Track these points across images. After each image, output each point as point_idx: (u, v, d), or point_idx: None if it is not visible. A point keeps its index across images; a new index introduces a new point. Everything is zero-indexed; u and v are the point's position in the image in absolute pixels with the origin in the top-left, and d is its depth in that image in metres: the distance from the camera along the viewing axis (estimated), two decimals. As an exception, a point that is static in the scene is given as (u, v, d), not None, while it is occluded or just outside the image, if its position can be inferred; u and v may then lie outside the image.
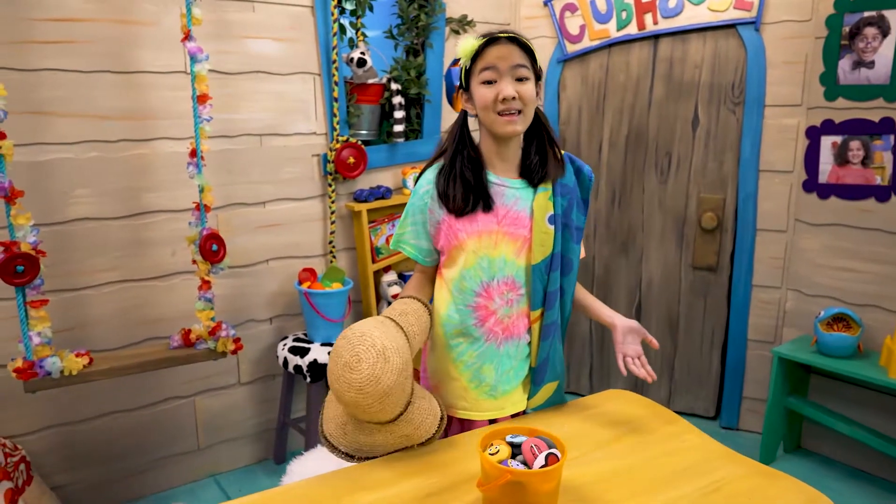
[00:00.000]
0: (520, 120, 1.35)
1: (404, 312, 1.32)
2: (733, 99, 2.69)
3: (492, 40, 1.32)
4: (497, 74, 1.32)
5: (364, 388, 1.14)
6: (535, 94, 1.37)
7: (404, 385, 1.20)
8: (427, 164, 1.46)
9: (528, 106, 1.36)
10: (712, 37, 2.68)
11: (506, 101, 1.32)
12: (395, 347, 1.19)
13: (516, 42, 1.33)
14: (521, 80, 1.33)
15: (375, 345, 1.16)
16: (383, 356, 1.16)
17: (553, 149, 1.44)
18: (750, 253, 2.75)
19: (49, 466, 2.17)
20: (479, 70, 1.34)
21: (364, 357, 1.15)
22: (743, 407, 2.88)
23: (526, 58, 1.34)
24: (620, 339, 1.52)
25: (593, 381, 3.22)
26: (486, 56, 1.33)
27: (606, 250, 3.07)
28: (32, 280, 1.79)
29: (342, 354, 1.17)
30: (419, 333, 1.32)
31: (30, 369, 1.80)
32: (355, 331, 1.19)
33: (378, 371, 1.15)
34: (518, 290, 1.44)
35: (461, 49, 1.35)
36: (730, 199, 2.77)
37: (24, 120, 1.97)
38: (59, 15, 1.99)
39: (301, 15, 2.42)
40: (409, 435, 1.25)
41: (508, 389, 1.49)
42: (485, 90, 1.33)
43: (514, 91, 1.31)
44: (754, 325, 2.80)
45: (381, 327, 1.21)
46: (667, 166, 2.87)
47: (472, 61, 1.35)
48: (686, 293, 2.93)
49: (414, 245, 1.46)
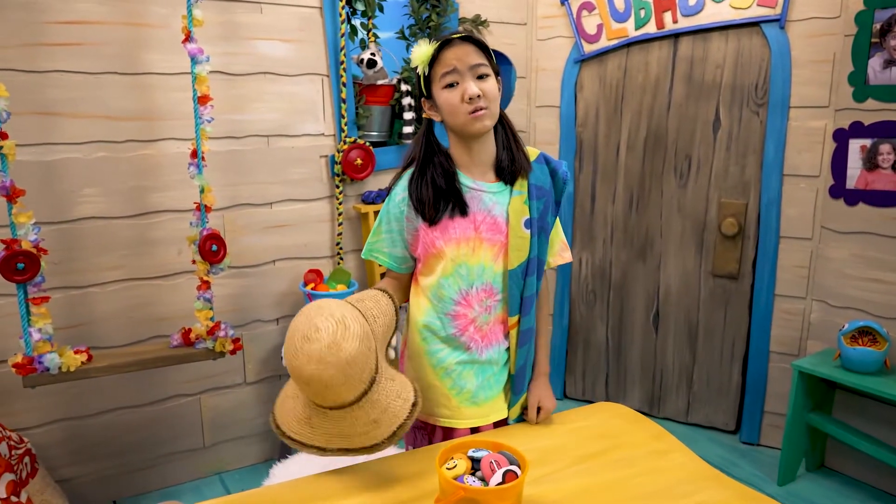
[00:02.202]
0: (488, 115, 1.33)
1: (360, 299, 1.28)
2: (756, 100, 2.58)
3: (446, 42, 1.31)
4: (458, 76, 1.30)
5: (325, 358, 1.07)
6: (497, 89, 1.35)
7: (367, 356, 1.14)
8: (397, 173, 1.42)
9: (493, 102, 1.33)
10: (735, 35, 2.58)
11: (472, 100, 1.29)
12: (353, 316, 1.14)
13: (471, 41, 1.32)
14: (482, 77, 1.31)
15: (334, 314, 1.12)
16: (343, 323, 1.11)
17: (517, 144, 1.41)
18: (773, 261, 2.63)
19: (56, 459, 2.22)
20: (440, 75, 1.31)
21: (322, 325, 1.09)
22: (764, 422, 2.76)
23: (483, 55, 1.32)
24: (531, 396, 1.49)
25: (609, 389, 3.14)
26: (443, 59, 1.31)
27: (624, 255, 2.98)
28: (33, 277, 1.83)
29: (299, 328, 1.11)
30: (379, 316, 1.26)
31: (29, 365, 1.84)
32: (311, 306, 1.16)
33: (338, 338, 1.09)
34: (495, 296, 1.41)
35: (416, 56, 1.33)
36: (752, 204, 2.65)
37: (33, 120, 2.02)
38: (68, 18, 2.03)
39: (309, 16, 2.42)
40: (377, 420, 1.17)
41: (491, 396, 1.45)
42: (448, 94, 1.31)
43: (477, 89, 1.29)
44: (777, 336, 2.67)
45: (338, 301, 1.18)
46: (686, 170, 2.76)
47: (430, 67, 1.32)
48: (706, 301, 2.82)
49: (388, 254, 1.43)
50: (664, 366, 2.97)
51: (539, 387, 1.49)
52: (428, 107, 1.39)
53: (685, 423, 2.97)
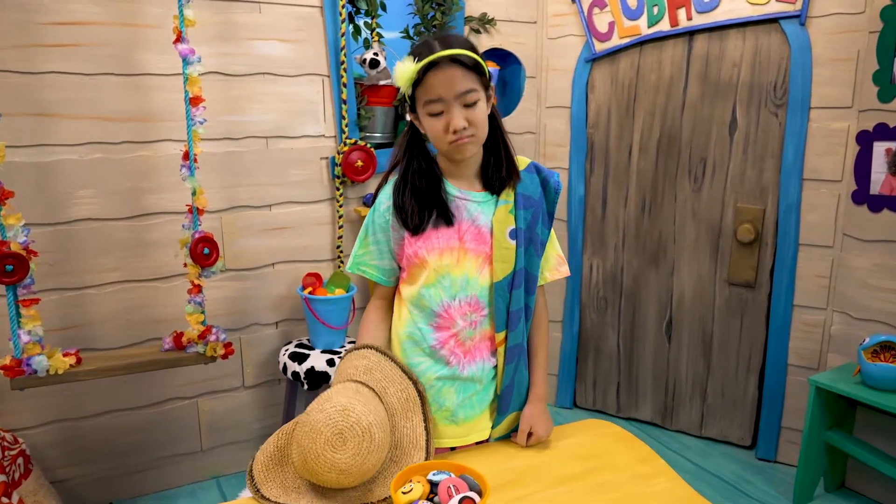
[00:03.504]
0: (472, 143, 1.26)
1: (368, 369, 1.24)
2: (775, 100, 2.45)
3: (432, 65, 1.19)
4: (443, 105, 1.20)
5: (349, 471, 1.06)
6: (486, 112, 1.26)
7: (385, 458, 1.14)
8: (382, 179, 1.36)
9: (480, 128, 1.25)
10: (752, 32, 2.46)
11: (456, 131, 1.21)
12: (379, 422, 1.11)
13: (459, 62, 1.19)
14: (470, 105, 1.22)
15: (361, 422, 1.08)
16: (369, 434, 1.08)
17: (508, 156, 1.33)
18: (791, 269, 2.50)
19: (52, 460, 2.22)
20: (423, 102, 1.22)
21: (349, 437, 1.07)
22: (782, 438, 2.63)
23: (472, 77, 1.21)
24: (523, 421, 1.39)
25: (620, 400, 3.03)
26: (427, 85, 1.20)
27: (636, 261, 2.88)
28: (22, 279, 1.82)
29: (322, 431, 1.07)
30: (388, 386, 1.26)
31: (17, 367, 1.83)
32: (335, 404, 1.10)
33: (364, 451, 1.07)
34: (481, 310, 1.33)
35: (398, 76, 1.21)
36: (770, 209, 2.53)
37: (29, 122, 2.02)
38: (64, 19, 2.02)
39: (309, 16, 2.38)
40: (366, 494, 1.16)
41: (472, 416, 1.38)
42: (433, 122, 1.23)
43: (463, 121, 1.21)
44: (795, 348, 2.55)
45: (361, 399, 1.13)
46: (701, 173, 2.65)
47: (414, 87, 1.22)
48: (721, 311, 2.70)
49: (377, 266, 1.37)
50: (677, 376, 2.86)
51: (535, 411, 1.39)
52: (412, 117, 1.31)
53: (699, 437, 2.85)
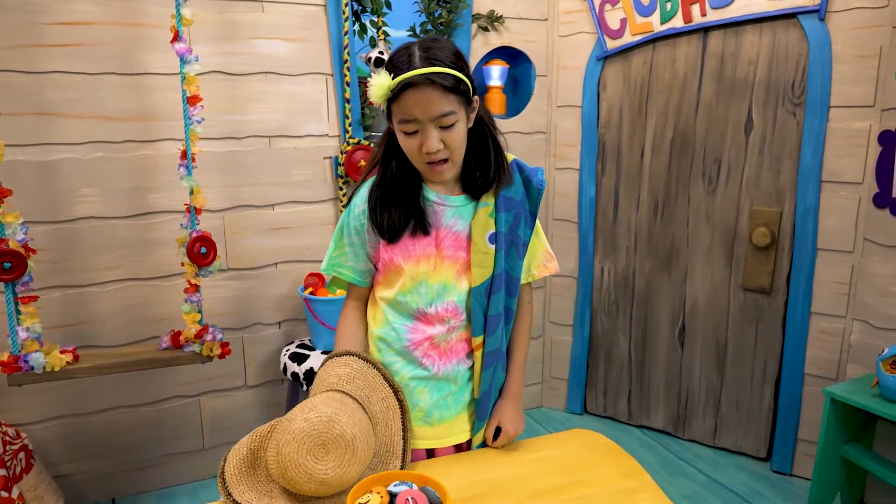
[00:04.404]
0: (448, 168, 1.21)
1: (351, 378, 1.21)
2: (793, 99, 2.36)
3: (408, 84, 1.12)
4: (418, 125, 1.15)
5: (328, 481, 1.04)
6: (465, 132, 1.21)
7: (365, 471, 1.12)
8: (361, 179, 1.33)
9: (457, 151, 1.20)
10: (769, 28, 2.36)
11: (430, 153, 1.17)
12: (363, 435, 1.09)
13: (436, 84, 1.11)
14: (447, 127, 1.16)
15: (345, 434, 1.06)
16: (352, 447, 1.06)
17: (498, 157, 1.28)
18: (809, 275, 2.40)
19: (54, 455, 2.25)
20: (398, 119, 1.16)
21: (332, 448, 1.05)
22: (798, 450, 2.52)
23: (451, 98, 1.14)
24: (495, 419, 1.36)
25: (632, 407, 2.96)
26: (402, 104, 1.14)
27: (648, 265, 2.80)
28: (20, 277, 1.83)
29: (304, 441, 1.04)
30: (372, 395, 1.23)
31: (14, 363, 1.85)
32: (320, 413, 1.07)
33: (346, 463, 1.05)
34: (459, 316, 1.30)
35: (372, 91, 1.14)
36: (787, 213, 2.43)
37: (32, 121, 2.05)
38: (67, 19, 2.04)
39: (313, 14, 2.37)
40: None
41: (447, 417, 1.34)
42: (407, 140, 1.18)
43: (438, 144, 1.16)
44: (813, 358, 2.44)
45: (344, 409, 1.10)
46: (716, 174, 2.56)
47: (389, 102, 1.16)
48: (735, 317, 2.61)
49: (352, 268, 1.34)
50: (690, 384, 2.77)
51: (505, 408, 1.36)
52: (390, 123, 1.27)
53: (712, 447, 2.76)
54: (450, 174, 1.23)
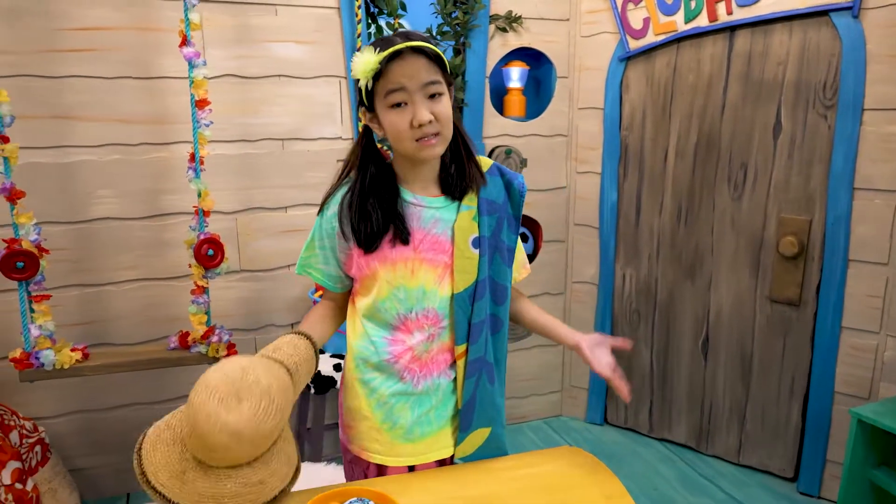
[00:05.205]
0: (439, 142, 1.17)
1: (277, 347, 1.18)
2: (824, 101, 2.23)
3: (395, 55, 1.12)
4: (406, 95, 1.13)
5: (242, 433, 0.97)
6: (451, 108, 1.18)
7: (281, 426, 1.05)
8: (333, 185, 1.30)
9: (446, 125, 1.17)
10: (800, 27, 2.24)
11: (422, 126, 1.13)
12: (279, 386, 1.03)
13: (423, 52, 1.13)
14: (435, 96, 1.15)
15: (260, 382, 1.00)
16: (268, 395, 1.00)
17: (471, 157, 1.25)
18: (840, 287, 2.26)
19: (71, 449, 2.31)
20: (385, 92, 1.14)
21: (245, 396, 0.98)
22: (826, 472, 2.39)
23: (437, 69, 1.15)
24: (590, 355, 1.28)
25: (653, 418, 2.86)
26: (390, 75, 1.12)
27: (671, 273, 2.70)
28: (33, 276, 1.89)
29: (217, 388, 0.98)
30: (301, 363, 1.17)
31: (26, 360, 1.90)
32: (234, 365, 1.03)
33: (261, 412, 0.98)
34: (440, 322, 1.26)
35: (357, 67, 1.14)
36: (817, 221, 2.30)
37: (51, 124, 2.11)
38: (84, 24, 2.09)
39: (327, 17, 2.37)
40: (263, 481, 1.09)
41: (429, 432, 1.31)
42: (395, 116, 1.14)
43: (429, 114, 1.13)
44: (843, 375, 2.31)
45: (262, 364, 1.05)
46: (742, 180, 2.45)
47: (375, 80, 1.14)
48: (762, 329, 2.49)
49: (322, 271, 1.31)
50: (714, 398, 2.66)
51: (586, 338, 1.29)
52: (368, 118, 1.25)
53: (737, 465, 2.65)
54: (440, 150, 1.19)
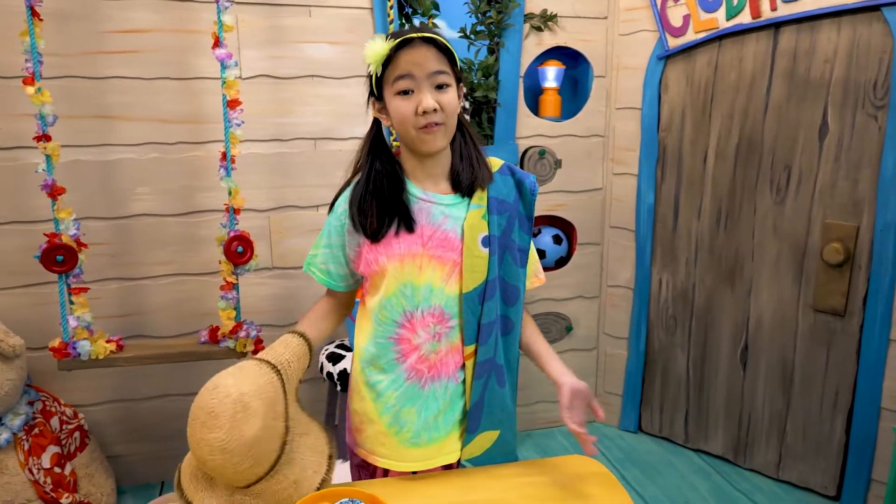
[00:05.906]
0: (441, 133, 1.19)
1: (270, 347, 1.20)
2: (875, 101, 2.11)
3: (404, 42, 1.15)
4: (413, 83, 1.16)
5: (227, 447, 1.00)
6: (457, 101, 1.20)
7: (273, 427, 1.07)
8: (345, 182, 1.32)
9: (451, 117, 1.19)
10: (849, 23, 2.13)
11: (426, 113, 1.15)
12: (253, 390, 1.05)
13: (433, 43, 1.16)
14: (441, 87, 1.17)
15: (230, 394, 1.02)
16: (241, 403, 1.02)
17: (477, 153, 1.26)
18: (888, 298, 2.14)
19: (109, 437, 2.40)
20: (393, 79, 1.17)
21: (220, 410, 1.00)
22: (871, 492, 2.27)
23: (445, 61, 1.17)
24: (566, 402, 1.26)
25: (689, 428, 2.77)
26: (398, 62, 1.16)
27: (709, 279, 2.61)
28: (72, 269, 1.97)
29: (197, 415, 1.02)
30: (293, 360, 1.18)
31: (64, 350, 1.98)
32: (207, 385, 1.06)
33: (238, 421, 1.00)
34: (447, 322, 1.26)
35: (369, 54, 1.18)
36: (865, 227, 2.18)
37: (94, 123, 2.19)
38: (125, 27, 2.17)
39: (359, 17, 2.38)
40: (297, 480, 1.10)
41: (437, 438, 1.30)
42: (401, 102, 1.17)
43: (434, 102, 1.15)
44: (891, 390, 2.18)
45: (236, 373, 1.08)
46: (785, 183, 2.35)
47: (384, 67, 1.18)
48: (804, 339, 2.38)
49: (324, 270, 1.33)
50: (753, 409, 2.56)
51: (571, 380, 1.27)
52: (377, 108, 1.27)
53: (776, 480, 2.54)
54: (442, 142, 1.21)
